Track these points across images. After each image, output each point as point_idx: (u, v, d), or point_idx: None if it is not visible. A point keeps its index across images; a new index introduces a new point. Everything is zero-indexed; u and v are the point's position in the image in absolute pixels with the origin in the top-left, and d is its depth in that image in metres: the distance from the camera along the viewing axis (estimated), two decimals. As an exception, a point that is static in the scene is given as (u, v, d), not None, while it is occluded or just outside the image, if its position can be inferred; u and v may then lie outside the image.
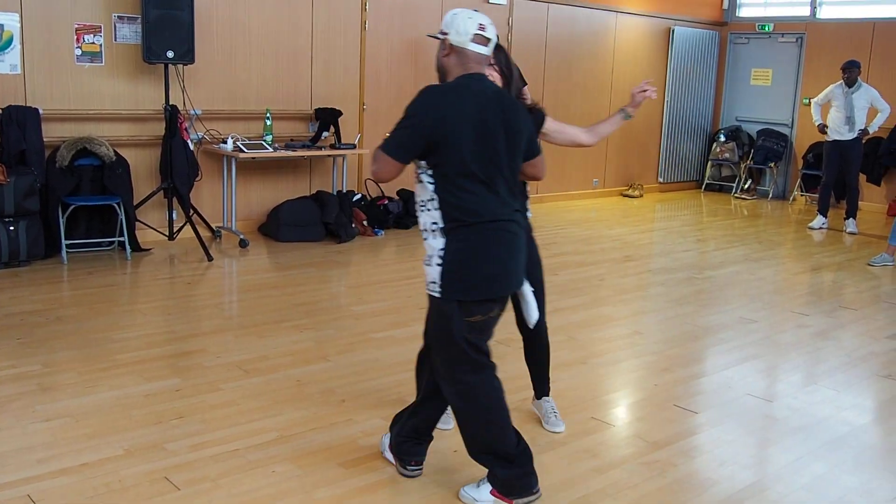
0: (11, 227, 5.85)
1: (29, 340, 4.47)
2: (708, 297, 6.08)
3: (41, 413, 3.58)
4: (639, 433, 3.67)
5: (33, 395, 3.77)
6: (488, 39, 2.87)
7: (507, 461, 2.91)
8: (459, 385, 2.91)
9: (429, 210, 2.82)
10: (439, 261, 2.79)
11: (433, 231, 2.81)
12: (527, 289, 3.04)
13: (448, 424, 3.55)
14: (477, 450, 2.96)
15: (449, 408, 3.16)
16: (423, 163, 2.82)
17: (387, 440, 3.28)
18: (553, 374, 4.28)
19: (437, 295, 2.82)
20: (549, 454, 3.40)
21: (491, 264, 2.80)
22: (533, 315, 3.10)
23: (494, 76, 3.11)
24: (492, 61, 3.07)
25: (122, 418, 3.56)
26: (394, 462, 3.22)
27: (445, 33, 2.89)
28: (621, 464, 3.36)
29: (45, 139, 6.18)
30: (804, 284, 6.72)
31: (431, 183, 2.80)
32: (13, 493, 2.92)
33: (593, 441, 3.56)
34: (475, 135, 2.74)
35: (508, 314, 3.14)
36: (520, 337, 3.61)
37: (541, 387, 3.72)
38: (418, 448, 3.18)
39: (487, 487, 2.98)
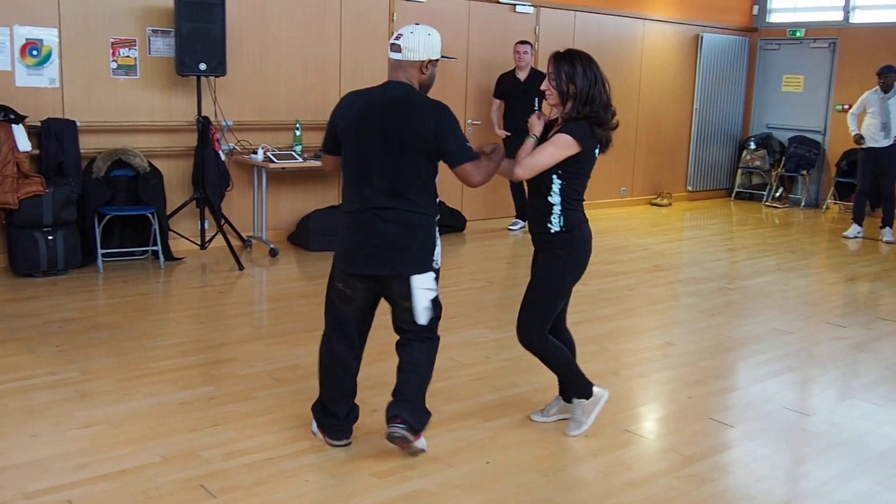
0: (50, 237, 5.95)
1: (67, 348, 4.54)
2: (740, 307, 6.03)
3: (79, 420, 3.64)
4: (673, 446, 3.64)
5: (72, 401, 3.83)
6: (392, 46, 3.28)
7: (325, 411, 3.48)
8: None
9: None
10: None
11: None
12: (415, 283, 3.28)
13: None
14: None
15: None
16: None
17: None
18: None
19: None
20: (582, 466, 3.39)
21: (341, 246, 3.41)
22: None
23: (550, 90, 3.46)
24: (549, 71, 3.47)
25: (158, 425, 3.61)
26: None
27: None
28: (656, 478, 3.33)
29: (81, 151, 6.28)
30: (839, 295, 6.64)
31: None
32: (54, 498, 2.97)
33: (627, 454, 3.55)
34: (356, 135, 3.23)
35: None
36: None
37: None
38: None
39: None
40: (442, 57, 3.35)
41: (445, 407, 3.91)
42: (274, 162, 6.93)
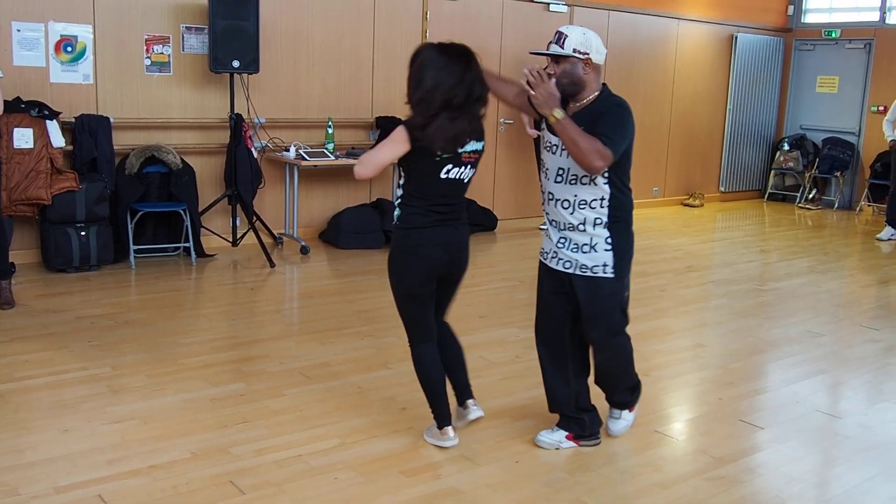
0: (83, 233, 6.02)
1: (99, 343, 4.60)
2: (772, 309, 5.95)
3: (111, 415, 3.68)
4: (703, 448, 3.61)
5: (104, 396, 3.87)
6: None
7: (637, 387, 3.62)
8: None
9: (593, 208, 3.25)
10: (608, 246, 3.30)
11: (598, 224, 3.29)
12: None
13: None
14: (622, 392, 3.63)
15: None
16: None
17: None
18: (615, 386, 4.25)
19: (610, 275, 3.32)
20: (612, 467, 3.36)
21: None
22: None
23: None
24: None
25: (189, 421, 3.64)
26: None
27: (587, 53, 3.22)
28: (686, 479, 3.30)
29: (115, 147, 6.36)
30: (873, 298, 6.54)
31: (607, 183, 3.24)
32: (85, 492, 3.00)
33: (656, 455, 3.52)
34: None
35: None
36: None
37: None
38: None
39: (563, 433, 3.53)
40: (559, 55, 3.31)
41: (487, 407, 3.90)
42: (306, 160, 6.96)
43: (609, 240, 3.29)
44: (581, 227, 3.27)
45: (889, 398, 4.30)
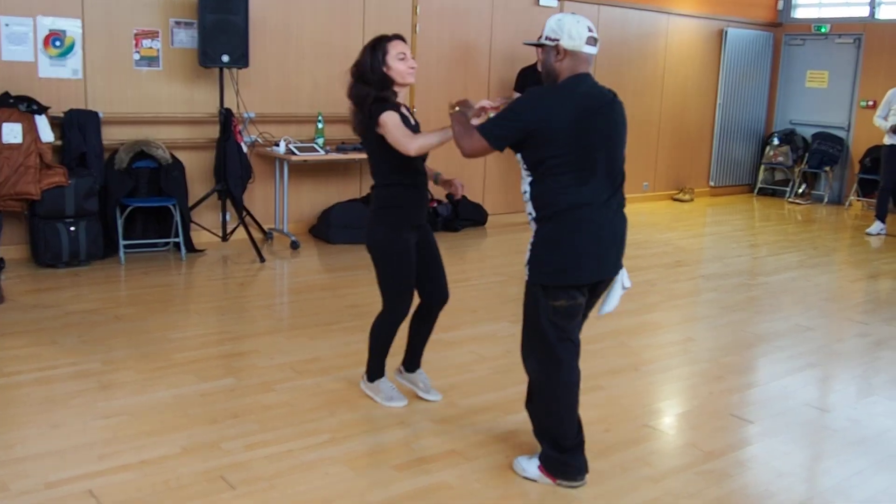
0: (72, 228, 6.00)
1: (89, 338, 4.58)
2: (762, 303, 5.98)
3: (101, 410, 3.67)
4: (693, 442, 3.62)
5: (94, 392, 3.86)
6: (597, 40, 3.03)
7: (559, 448, 3.11)
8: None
9: (525, 201, 3.10)
10: (530, 246, 3.06)
11: (531, 218, 3.10)
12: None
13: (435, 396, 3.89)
14: (537, 430, 3.21)
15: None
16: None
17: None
18: (604, 380, 4.28)
19: (527, 278, 3.06)
20: (602, 461, 3.37)
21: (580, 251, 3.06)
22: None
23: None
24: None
25: (180, 417, 3.63)
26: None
27: (556, 39, 2.99)
28: (676, 473, 3.32)
29: (104, 142, 6.33)
30: (862, 292, 6.57)
31: (528, 175, 3.06)
32: (75, 487, 2.99)
33: (647, 449, 3.53)
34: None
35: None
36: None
37: (418, 359, 3.94)
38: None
39: (536, 462, 3.18)
40: (527, 43, 3.36)
41: (466, 400, 3.91)
42: (296, 154, 6.95)
43: (532, 238, 3.05)
44: (530, 222, 3.10)
45: (878, 392, 4.33)
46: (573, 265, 2.96)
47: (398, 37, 3.60)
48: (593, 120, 2.93)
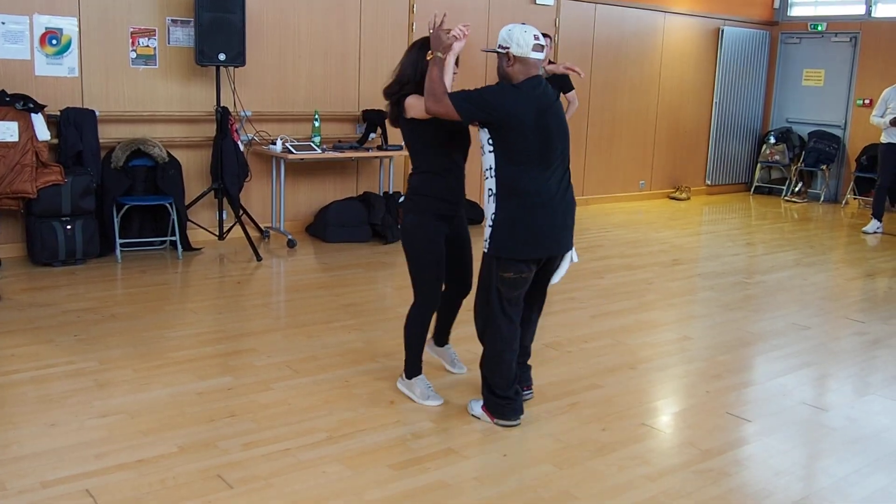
0: (69, 227, 5.98)
1: (85, 337, 4.57)
2: (758, 302, 5.99)
3: (98, 409, 3.66)
4: (691, 440, 3.62)
5: (90, 391, 3.85)
6: (543, 46, 3.47)
7: (495, 394, 3.64)
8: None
9: (487, 178, 3.55)
10: (491, 221, 3.53)
11: (491, 195, 3.55)
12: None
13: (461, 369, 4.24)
14: (482, 377, 3.73)
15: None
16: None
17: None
18: (601, 378, 4.28)
19: (485, 249, 3.60)
20: (599, 459, 3.38)
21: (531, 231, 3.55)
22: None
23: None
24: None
25: (176, 415, 3.62)
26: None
27: (507, 47, 3.44)
28: (673, 471, 3.32)
29: (100, 140, 6.31)
30: (858, 290, 6.58)
31: (492, 152, 3.50)
32: (72, 487, 2.99)
33: (644, 448, 3.53)
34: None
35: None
36: (567, 340, 3.66)
37: (446, 336, 4.22)
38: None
39: (481, 403, 3.73)
40: (485, 50, 3.86)
41: (462, 399, 3.91)
42: (292, 153, 6.94)
43: (493, 215, 3.46)
44: (489, 197, 3.50)
45: (875, 390, 4.34)
46: (527, 243, 3.44)
47: None
48: (547, 117, 3.41)
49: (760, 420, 3.88)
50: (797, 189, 11.34)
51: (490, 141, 3.43)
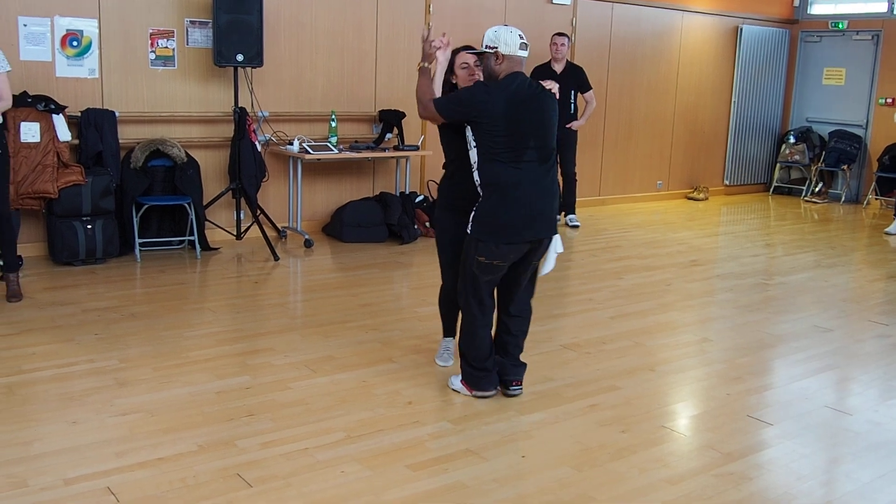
0: (89, 226, 6.02)
1: (105, 336, 4.60)
2: (779, 304, 5.94)
3: (118, 407, 3.68)
4: (711, 444, 3.59)
5: (111, 389, 3.87)
6: (527, 45, 3.72)
7: (472, 366, 3.90)
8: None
9: (474, 171, 3.79)
10: (475, 208, 3.78)
11: (477, 185, 3.81)
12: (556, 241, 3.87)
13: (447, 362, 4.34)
14: (460, 350, 3.99)
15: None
16: None
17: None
18: (620, 380, 4.26)
19: (468, 231, 3.80)
20: (619, 462, 3.36)
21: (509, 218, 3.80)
22: None
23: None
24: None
25: (196, 414, 3.63)
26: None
27: (494, 47, 3.67)
28: (694, 475, 3.29)
29: (120, 141, 6.35)
30: (881, 292, 6.51)
31: (475, 149, 3.72)
32: (93, 484, 3.00)
33: (664, 451, 3.51)
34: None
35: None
36: (585, 341, 3.63)
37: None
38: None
39: (460, 377, 3.99)
40: (473, 52, 3.94)
41: (480, 401, 3.90)
42: (309, 153, 6.95)
43: (480, 202, 3.72)
44: (477, 188, 3.76)
45: (897, 393, 4.29)
46: (502, 232, 3.66)
47: (466, 48, 4.03)
48: (522, 110, 3.60)
49: (782, 423, 3.84)
50: (817, 189, 11.24)
51: (473, 138, 3.67)
